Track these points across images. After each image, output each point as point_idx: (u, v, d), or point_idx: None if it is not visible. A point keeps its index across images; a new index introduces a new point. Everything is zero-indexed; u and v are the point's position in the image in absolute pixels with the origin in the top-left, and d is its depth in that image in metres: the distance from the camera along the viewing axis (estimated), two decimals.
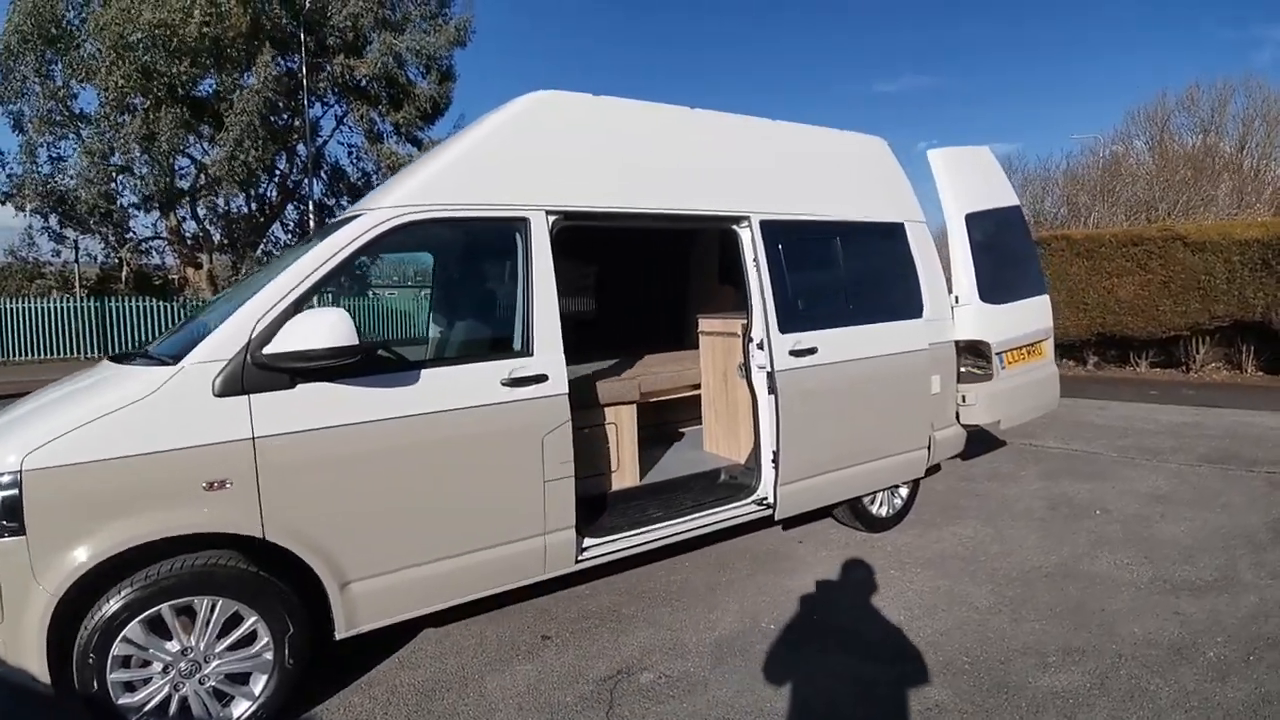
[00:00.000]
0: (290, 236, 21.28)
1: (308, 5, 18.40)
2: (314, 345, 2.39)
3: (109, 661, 2.30)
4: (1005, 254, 4.92)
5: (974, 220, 4.72)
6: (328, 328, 2.40)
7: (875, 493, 4.34)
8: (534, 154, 3.12)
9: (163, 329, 17.39)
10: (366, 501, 2.64)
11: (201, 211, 20.02)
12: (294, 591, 2.56)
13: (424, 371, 2.75)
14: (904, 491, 4.55)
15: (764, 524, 3.86)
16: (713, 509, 3.61)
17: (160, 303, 18.63)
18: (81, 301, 18.20)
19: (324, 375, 2.52)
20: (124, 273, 21.42)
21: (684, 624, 3.30)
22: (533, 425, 2.96)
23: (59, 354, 17.21)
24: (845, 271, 4.01)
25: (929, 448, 4.41)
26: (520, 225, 3.04)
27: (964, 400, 4.66)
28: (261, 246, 20.26)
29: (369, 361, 2.65)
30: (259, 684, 2.54)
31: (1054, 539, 4.29)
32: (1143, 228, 11.85)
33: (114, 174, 17.45)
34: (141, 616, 2.33)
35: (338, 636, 2.65)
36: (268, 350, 2.41)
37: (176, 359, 2.44)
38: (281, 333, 2.42)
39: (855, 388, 3.91)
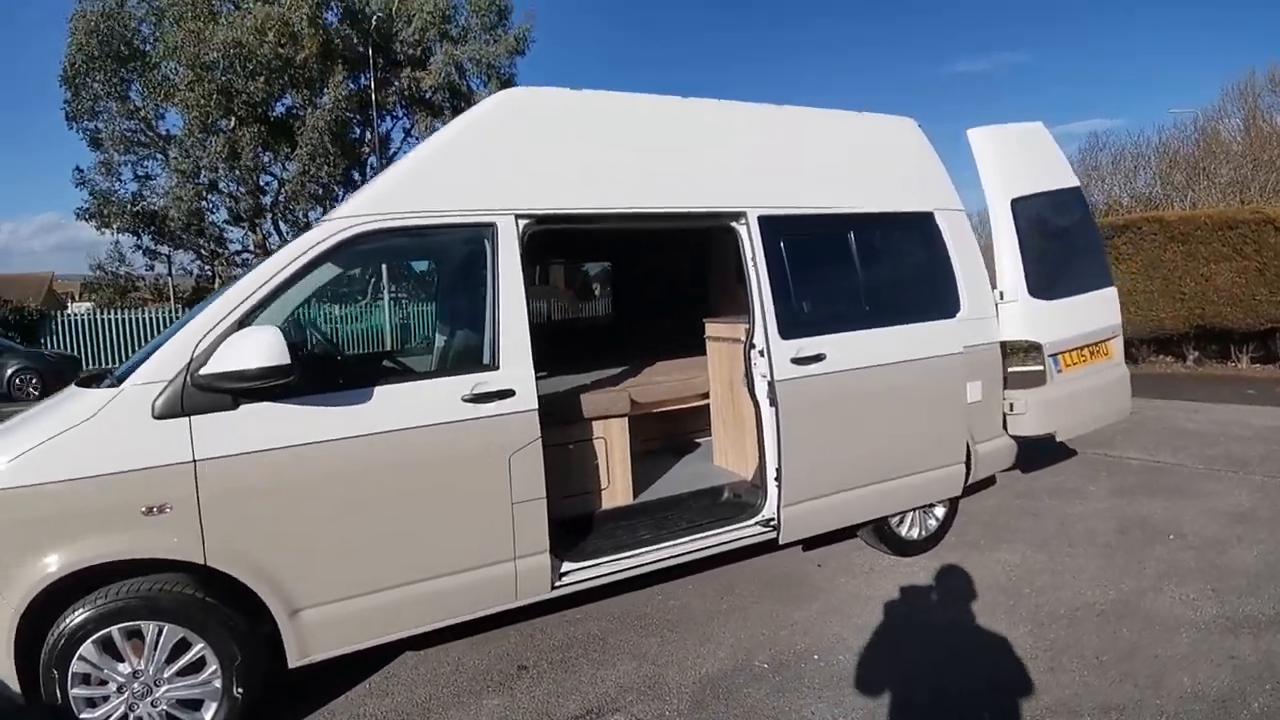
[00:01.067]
0: None
1: (374, 24, 19.15)
2: (247, 365, 2.30)
3: (69, 677, 2.31)
4: (1061, 242, 4.38)
5: (1022, 205, 4.21)
6: (259, 347, 2.30)
7: (902, 513, 3.94)
8: (502, 156, 2.95)
9: None
10: (316, 526, 2.54)
11: (283, 226, 21.20)
12: (243, 619, 2.49)
13: (378, 389, 2.63)
14: (940, 511, 4.12)
15: (775, 546, 3.54)
16: (710, 530, 3.34)
17: None
18: (179, 313, 19.62)
19: (268, 395, 2.43)
20: (216, 284, 23.01)
21: (670, 658, 3.05)
22: (498, 444, 2.79)
23: None
24: (861, 269, 3.64)
25: (968, 463, 3.96)
26: (487, 231, 2.88)
27: (1012, 408, 4.18)
28: None
29: (317, 379, 2.55)
30: (209, 711, 2.48)
31: (1116, 568, 3.77)
32: (1236, 209, 10.61)
33: (203, 192, 18.70)
34: (95, 637, 2.32)
35: (290, 665, 2.56)
36: (204, 371, 2.34)
37: (122, 381, 2.41)
38: (218, 352, 2.35)
39: (872, 397, 3.54)
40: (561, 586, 3.01)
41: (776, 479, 3.37)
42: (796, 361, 3.35)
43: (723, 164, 3.37)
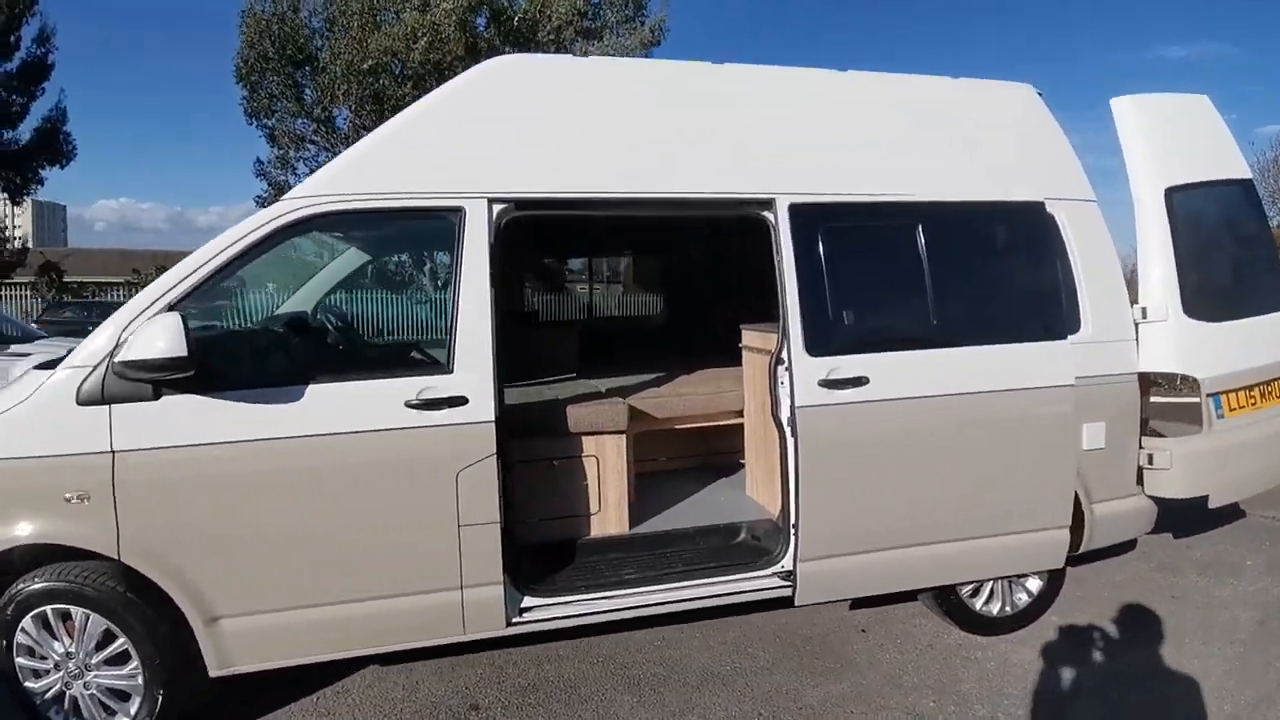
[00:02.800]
0: None
1: (516, 23, 19.77)
2: (149, 355, 2.14)
3: (15, 647, 2.35)
4: (1228, 249, 3.34)
5: (1180, 197, 3.23)
6: (160, 335, 2.13)
7: (977, 583, 3.14)
8: (476, 132, 2.61)
9: None
10: (237, 531, 2.35)
11: None
12: (165, 621, 2.35)
13: (311, 387, 2.39)
14: (1034, 584, 3.25)
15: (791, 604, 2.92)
16: (712, 577, 2.81)
17: None
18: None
19: (190, 386, 2.27)
20: None
21: None
22: (444, 457, 2.46)
23: None
24: (931, 272, 2.89)
25: (1086, 528, 3.09)
26: (453, 216, 2.55)
27: (1151, 461, 3.22)
28: None
29: (246, 373, 2.36)
30: (134, 705, 2.39)
31: (1249, 671, 2.76)
32: None
33: None
34: (33, 612, 2.32)
35: (211, 675, 2.39)
36: (119, 358, 2.21)
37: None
38: (130, 339, 2.21)
39: (933, 435, 2.82)
40: (520, 624, 2.62)
41: (794, 525, 2.76)
42: (827, 384, 2.71)
43: (746, 141, 2.79)
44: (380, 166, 2.53)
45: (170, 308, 2.29)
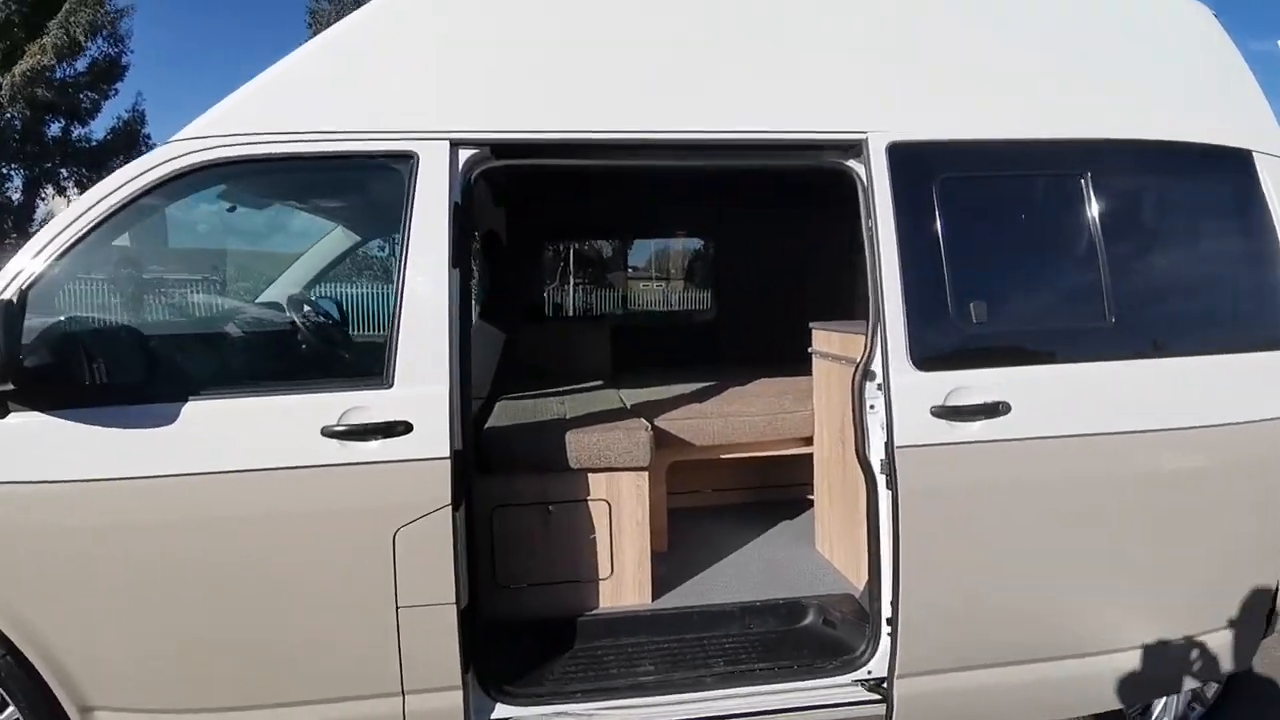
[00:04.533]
0: None
1: None
2: None
3: None
4: None
5: None
6: None
7: (1152, 698, 2.17)
8: (435, 50, 1.84)
9: None
10: (100, 600, 1.69)
11: None
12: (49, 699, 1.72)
13: (189, 405, 1.67)
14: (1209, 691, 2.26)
15: None
16: (766, 683, 1.96)
17: None
18: None
19: (40, 402, 1.61)
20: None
21: None
22: (374, 510, 1.71)
23: None
24: (1105, 246, 1.95)
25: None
26: (402, 166, 1.80)
27: None
28: None
29: (101, 385, 1.66)
30: None
31: None
32: None
33: None
34: None
35: None
36: None
37: None
38: None
39: (1109, 494, 1.88)
40: None
41: (889, 620, 1.88)
42: (945, 413, 1.82)
43: (821, 59, 1.92)
44: (298, 96, 1.80)
45: (20, 293, 1.61)
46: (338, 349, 1.86)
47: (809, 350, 2.61)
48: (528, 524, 2.15)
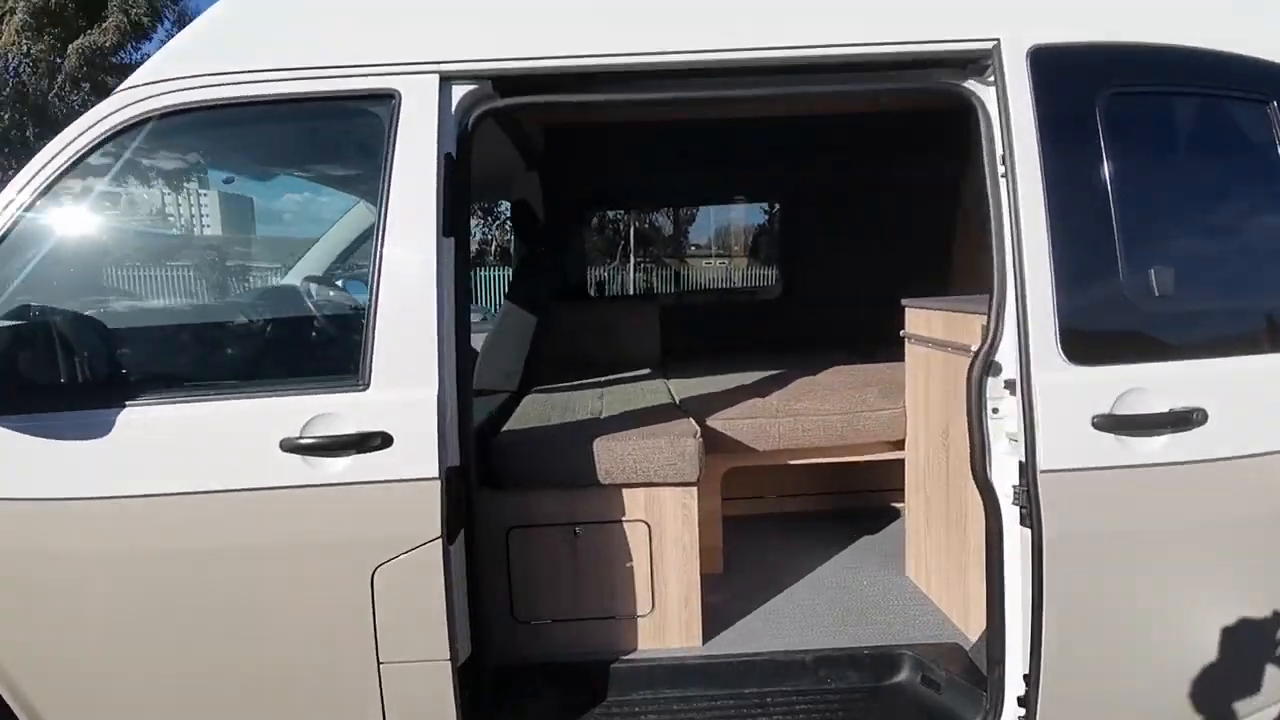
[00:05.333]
0: None
1: None
2: None
3: None
4: None
5: None
6: None
7: None
8: None
9: None
10: (34, 630, 1.40)
11: None
12: None
13: (125, 413, 1.35)
14: None
15: None
16: None
17: None
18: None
19: None
20: (494, 246, 25.23)
21: None
22: (348, 545, 1.36)
23: None
24: None
25: None
26: (381, 108, 1.42)
27: None
28: None
29: (24, 389, 1.35)
30: None
31: None
32: None
33: None
34: None
35: None
36: None
37: None
38: None
39: None
40: None
41: (1022, 700, 1.40)
42: (1111, 424, 1.31)
43: None
44: (255, 30, 1.44)
45: None
46: (301, 341, 1.51)
47: (901, 334, 2.10)
48: (550, 549, 1.76)
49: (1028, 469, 1.34)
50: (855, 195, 3.19)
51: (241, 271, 1.70)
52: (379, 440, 1.34)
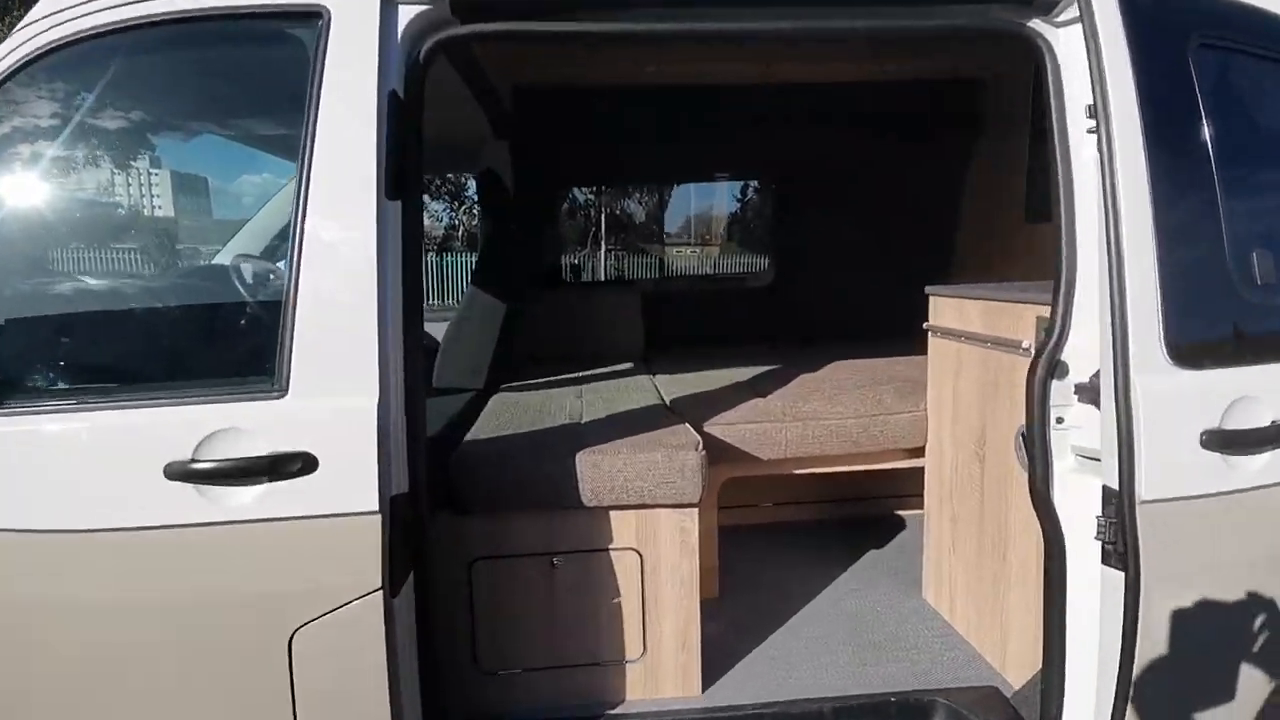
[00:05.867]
0: None
1: None
2: None
3: None
4: None
5: None
6: None
7: None
8: None
9: None
10: None
11: None
12: None
13: None
14: None
15: None
16: None
17: None
18: (427, 257, 21.09)
19: None
20: (460, 232, 24.58)
21: None
22: (259, 600, 1.05)
23: None
24: None
25: None
26: (304, 30, 1.09)
27: None
28: None
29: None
30: None
31: None
32: None
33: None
34: None
35: None
36: None
37: None
38: None
39: None
40: None
41: None
42: (1215, 441, 1.07)
43: None
44: None
45: None
46: (200, 335, 1.18)
47: (924, 326, 1.85)
48: (523, 584, 1.47)
49: (1122, 499, 1.08)
50: (853, 172, 2.93)
51: (140, 246, 1.36)
52: (298, 464, 1.03)
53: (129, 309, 1.23)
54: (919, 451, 1.95)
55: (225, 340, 1.19)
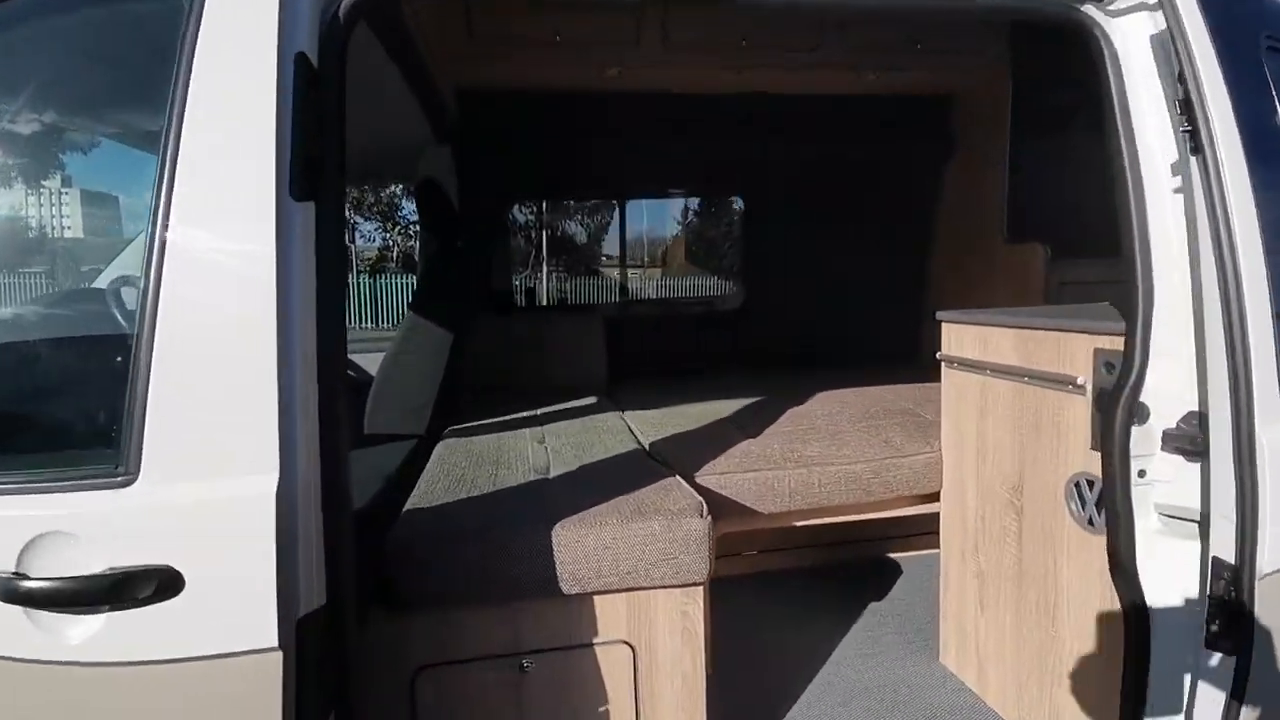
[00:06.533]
0: None
1: None
2: None
3: None
4: None
5: None
6: None
7: None
8: None
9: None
10: None
11: None
12: None
13: None
14: None
15: None
16: None
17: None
18: (360, 278, 20.25)
19: None
20: (394, 253, 23.77)
21: None
22: None
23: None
24: None
25: None
26: None
27: None
28: None
29: None
30: None
31: None
32: None
33: None
34: None
35: None
36: None
37: None
38: None
39: None
40: None
41: None
42: None
43: None
44: None
45: None
46: (24, 396, 0.84)
47: (937, 356, 1.64)
48: (483, 697, 1.15)
49: (1240, 571, 0.87)
50: (827, 191, 2.74)
51: None
52: (152, 584, 0.70)
53: None
54: (932, 497, 1.73)
55: (60, 403, 0.85)
